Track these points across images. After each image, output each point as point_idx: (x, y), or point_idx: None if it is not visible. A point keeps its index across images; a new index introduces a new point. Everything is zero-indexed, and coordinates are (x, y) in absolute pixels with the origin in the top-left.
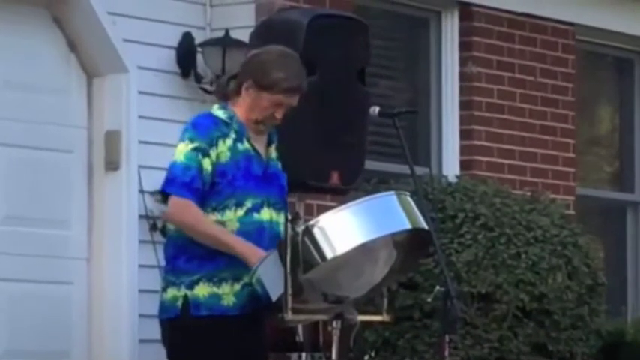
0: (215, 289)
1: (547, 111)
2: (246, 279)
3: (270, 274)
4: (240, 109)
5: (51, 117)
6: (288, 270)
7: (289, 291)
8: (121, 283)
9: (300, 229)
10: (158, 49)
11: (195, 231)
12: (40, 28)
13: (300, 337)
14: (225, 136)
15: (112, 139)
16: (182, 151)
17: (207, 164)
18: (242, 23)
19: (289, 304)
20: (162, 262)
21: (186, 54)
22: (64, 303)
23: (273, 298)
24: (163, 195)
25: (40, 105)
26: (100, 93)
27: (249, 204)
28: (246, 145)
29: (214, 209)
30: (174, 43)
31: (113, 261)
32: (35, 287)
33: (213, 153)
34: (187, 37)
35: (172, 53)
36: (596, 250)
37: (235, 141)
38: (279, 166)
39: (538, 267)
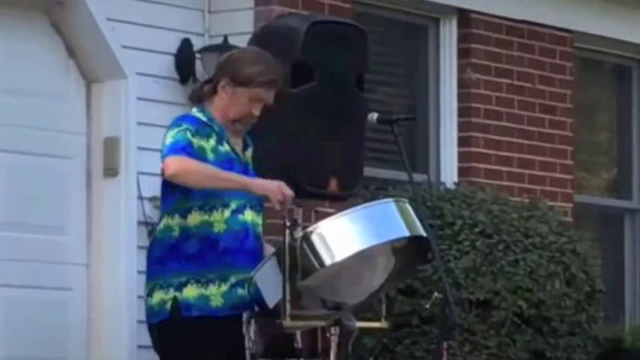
0: (203, 291)
1: (545, 118)
2: (233, 280)
3: (268, 281)
4: (217, 108)
5: (49, 123)
6: (287, 276)
7: (287, 297)
8: (119, 289)
9: (298, 235)
10: (157, 55)
11: (198, 170)
12: (38, 34)
13: (298, 343)
14: (208, 136)
15: (111, 145)
16: (170, 134)
17: (194, 142)
18: (241, 29)
19: (288, 311)
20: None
21: (185, 60)
22: (63, 309)
23: (270, 305)
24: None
25: (39, 111)
26: (98, 99)
27: (233, 205)
28: (227, 147)
29: (200, 208)
30: (173, 49)
31: (112, 267)
32: (34, 293)
33: (197, 140)
34: (186, 44)
35: (171, 59)
36: (594, 257)
37: (217, 142)
38: (252, 170)
39: (536, 274)
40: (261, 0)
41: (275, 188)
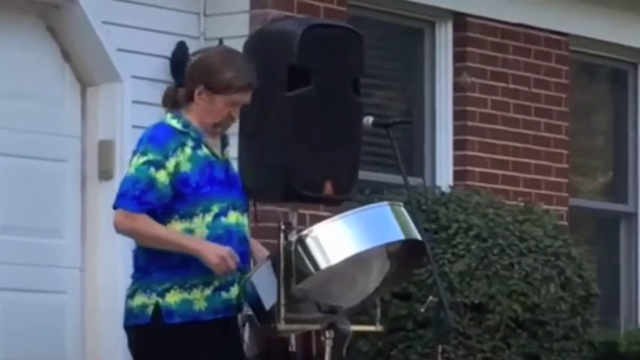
0: (186, 295)
1: (541, 121)
2: (217, 283)
3: (264, 284)
4: (194, 115)
5: (45, 126)
6: (281, 280)
7: (282, 301)
8: (114, 293)
9: (293, 238)
10: (152, 58)
11: (143, 234)
12: (33, 38)
13: (292, 347)
14: (183, 145)
15: (106, 149)
16: (134, 164)
17: (162, 176)
18: (236, 33)
19: (282, 314)
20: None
21: (180, 63)
22: (58, 312)
23: (267, 308)
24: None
25: (34, 114)
26: (94, 102)
27: (216, 209)
28: (205, 150)
29: (181, 217)
30: (168, 52)
31: (106, 270)
32: (28, 297)
33: (170, 164)
34: (181, 47)
35: (166, 63)
36: (590, 261)
37: (194, 148)
38: (234, 168)
39: (531, 278)
40: (257, 3)
41: (217, 261)
